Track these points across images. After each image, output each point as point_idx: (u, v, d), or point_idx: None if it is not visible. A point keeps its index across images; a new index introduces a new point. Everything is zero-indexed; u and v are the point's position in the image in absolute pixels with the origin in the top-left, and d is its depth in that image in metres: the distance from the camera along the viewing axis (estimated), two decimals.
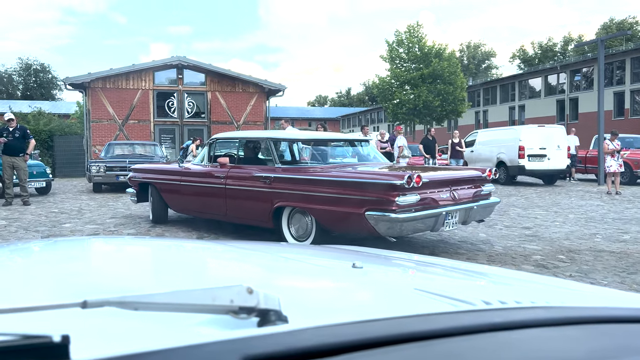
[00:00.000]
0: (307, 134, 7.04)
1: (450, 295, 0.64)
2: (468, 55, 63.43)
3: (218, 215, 6.63)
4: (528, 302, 0.61)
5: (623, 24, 51.07)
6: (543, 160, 14.95)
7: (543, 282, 1.00)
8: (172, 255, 1.19)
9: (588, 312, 0.57)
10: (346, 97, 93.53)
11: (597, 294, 0.92)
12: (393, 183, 4.76)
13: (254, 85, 21.92)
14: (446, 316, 0.50)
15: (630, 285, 4.29)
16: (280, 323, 0.51)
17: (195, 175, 6.85)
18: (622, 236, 6.65)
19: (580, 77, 36.24)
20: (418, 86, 30.03)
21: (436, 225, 5.10)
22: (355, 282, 0.84)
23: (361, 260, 0.91)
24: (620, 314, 0.57)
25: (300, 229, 5.65)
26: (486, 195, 5.87)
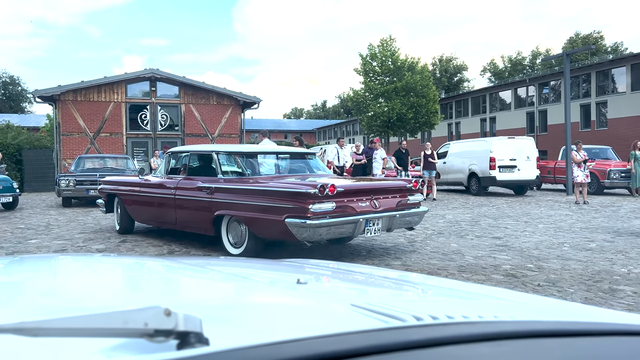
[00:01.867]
0: (252, 147, 7.36)
1: (384, 310, 0.64)
2: (440, 68, 64.51)
3: (170, 224, 7.01)
4: (460, 316, 0.62)
5: (588, 38, 52.77)
6: (513, 171, 15.25)
7: (483, 294, 1.02)
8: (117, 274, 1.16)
9: (516, 326, 0.58)
10: (322, 110, 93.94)
11: (538, 305, 0.94)
12: (307, 192, 5.17)
13: (229, 98, 21.84)
14: (367, 334, 0.50)
15: (596, 293, 4.39)
16: (200, 346, 0.49)
17: (152, 186, 7.28)
18: (588, 244, 6.80)
19: (549, 90, 37.21)
20: (392, 99, 30.35)
21: (355, 231, 5.49)
22: (294, 299, 0.84)
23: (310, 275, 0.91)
24: (549, 327, 0.58)
25: (236, 237, 6.00)
26: (414, 204, 6.20)
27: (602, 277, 4.98)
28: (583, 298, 4.24)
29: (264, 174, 6.38)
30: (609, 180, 15.31)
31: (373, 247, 6.70)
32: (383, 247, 6.76)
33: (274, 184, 5.67)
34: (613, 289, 4.53)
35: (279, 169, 6.85)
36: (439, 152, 17.18)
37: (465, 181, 16.47)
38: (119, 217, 8.08)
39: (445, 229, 8.41)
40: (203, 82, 21.62)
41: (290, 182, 5.74)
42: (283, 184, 5.61)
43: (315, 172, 6.85)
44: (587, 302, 4.12)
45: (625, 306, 4.01)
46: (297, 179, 6.04)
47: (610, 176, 15.28)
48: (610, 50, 51.17)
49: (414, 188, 6.21)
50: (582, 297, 4.26)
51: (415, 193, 6.25)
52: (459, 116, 45.08)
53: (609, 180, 15.31)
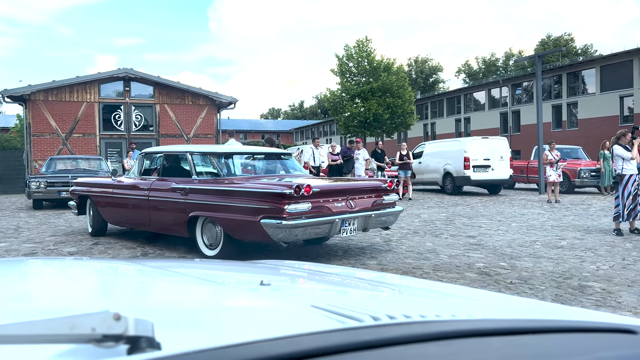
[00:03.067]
0: (227, 148, 7.28)
1: (343, 311, 0.64)
2: (416, 69, 65.12)
3: (143, 226, 6.91)
4: (417, 315, 0.62)
5: (559, 40, 53.93)
6: (487, 171, 15.48)
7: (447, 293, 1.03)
8: (78, 277, 1.14)
9: (468, 325, 0.59)
10: (299, 110, 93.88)
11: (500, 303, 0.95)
12: (282, 192, 5.15)
13: (205, 98, 21.65)
14: (321, 335, 0.50)
15: (566, 290, 4.48)
16: (151, 350, 0.49)
17: (125, 187, 7.19)
18: (559, 242, 6.95)
19: (521, 91, 37.92)
20: (368, 99, 30.53)
21: (331, 231, 5.49)
22: (255, 301, 0.83)
23: (275, 276, 0.90)
24: (503, 326, 0.59)
25: (211, 238, 5.93)
26: (389, 204, 6.22)
27: (572, 274, 5.09)
28: (553, 295, 4.33)
29: (239, 175, 6.33)
30: (580, 180, 15.68)
31: (349, 247, 6.72)
32: (359, 247, 6.78)
33: (249, 185, 5.63)
34: (582, 285, 4.64)
35: (254, 170, 6.82)
36: (414, 153, 17.34)
37: (440, 181, 16.66)
38: (91, 220, 7.94)
39: (420, 228, 8.49)
40: (178, 82, 21.39)
41: (266, 182, 5.72)
42: (258, 185, 5.58)
43: (291, 173, 6.82)
44: (557, 299, 4.21)
45: (593, 302, 4.11)
46: (273, 180, 6.02)
47: (581, 175, 15.65)
48: (581, 52, 52.41)
49: (389, 188, 6.23)
50: (552, 294, 4.34)
51: (390, 193, 6.28)
52: (435, 117, 45.59)
53: (579, 179, 15.67)
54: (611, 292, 4.39)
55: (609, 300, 4.16)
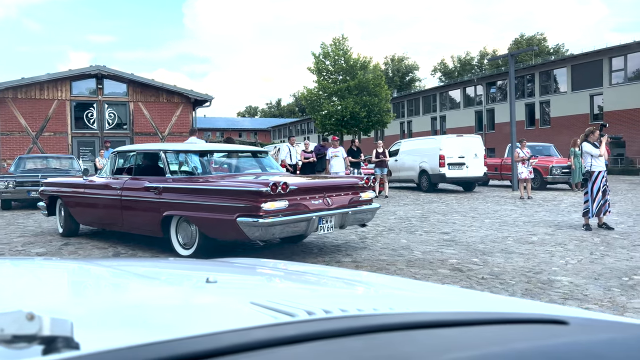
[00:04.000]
0: (200, 146, 7.17)
1: (280, 307, 0.64)
2: (392, 68, 65.53)
3: (116, 226, 6.78)
4: (354, 309, 0.62)
5: (532, 40, 54.91)
6: (462, 169, 15.67)
7: (395, 287, 1.03)
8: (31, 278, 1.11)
9: (398, 318, 0.59)
10: (276, 108, 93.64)
11: (446, 296, 0.96)
12: (259, 190, 5.10)
13: (179, 96, 21.41)
14: (243, 332, 0.50)
15: (535, 284, 4.57)
16: (67, 350, 0.47)
17: (96, 187, 7.05)
18: (530, 238, 7.08)
19: (496, 90, 38.51)
20: (345, 97, 30.61)
21: (308, 228, 5.48)
22: (195, 298, 0.82)
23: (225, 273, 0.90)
24: (434, 318, 0.59)
25: (186, 237, 5.86)
26: (366, 201, 6.22)
27: (542, 268, 5.19)
28: (523, 289, 4.40)
29: (214, 173, 6.26)
30: (551, 176, 16.00)
31: (325, 245, 6.73)
32: (335, 244, 6.80)
33: (225, 183, 5.58)
34: (551, 279, 4.73)
35: (229, 168, 6.74)
36: (390, 150, 17.45)
37: (416, 178, 16.80)
38: (62, 220, 7.76)
39: (395, 225, 8.55)
40: (152, 80, 21.11)
41: (242, 180, 5.67)
42: (234, 183, 5.53)
43: (268, 171, 6.77)
44: (527, 293, 4.28)
45: (561, 295, 4.19)
46: (249, 178, 5.98)
47: (552, 172, 15.97)
48: (553, 51, 53.47)
49: (366, 185, 6.25)
50: (522, 289, 4.42)
51: (366, 190, 6.29)
52: (411, 115, 45.97)
53: (551, 176, 15.99)
54: (578, 286, 4.49)
55: (576, 293, 4.25)
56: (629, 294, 4.21)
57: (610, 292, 4.29)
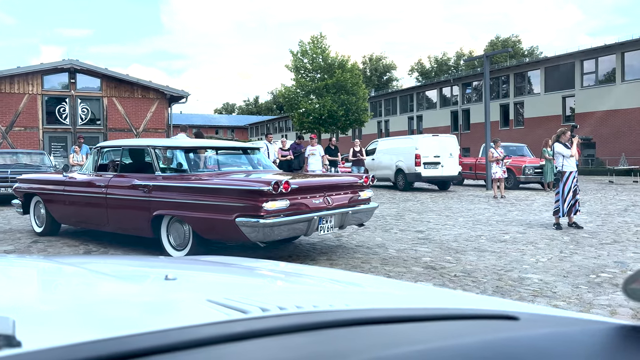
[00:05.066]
0: (191, 142, 6.91)
1: (235, 304, 0.64)
2: (370, 67, 65.86)
3: (100, 225, 6.46)
4: (310, 306, 0.63)
5: (507, 41, 55.81)
6: (437, 168, 15.85)
7: (354, 283, 1.04)
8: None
9: (349, 314, 0.59)
10: (254, 105, 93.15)
11: (403, 293, 0.97)
12: (260, 189, 4.88)
13: (155, 91, 21.13)
14: (191, 329, 0.49)
15: (506, 282, 4.65)
16: (7, 348, 0.46)
17: (78, 184, 6.70)
18: (503, 236, 7.20)
19: (471, 90, 39.04)
20: (323, 96, 30.65)
21: (309, 229, 5.27)
22: (150, 295, 0.82)
23: (190, 270, 0.89)
24: (383, 314, 0.60)
25: (178, 238, 5.61)
26: (364, 200, 6.07)
27: (513, 266, 5.28)
28: (494, 287, 4.47)
29: (206, 171, 6.03)
30: (524, 176, 16.30)
31: (300, 244, 6.72)
32: (310, 242, 6.80)
33: (223, 181, 5.34)
34: (522, 277, 4.82)
35: (221, 165, 6.50)
36: (367, 149, 17.54)
37: (392, 177, 16.92)
38: (37, 219, 7.43)
39: (371, 223, 8.59)
40: (127, 75, 20.79)
41: (242, 179, 5.47)
42: (233, 181, 5.31)
43: (260, 168, 6.56)
44: (498, 291, 4.35)
45: (531, 292, 4.28)
46: (244, 176, 5.78)
47: (525, 172, 16.27)
48: (527, 53, 54.43)
49: (365, 184, 6.06)
50: (493, 286, 4.49)
51: (365, 189, 6.11)
52: (388, 114, 46.27)
53: (524, 175, 16.29)
54: (548, 283, 4.58)
55: (545, 290, 4.34)
56: (595, 291, 4.32)
57: (578, 289, 4.40)
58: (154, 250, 6.05)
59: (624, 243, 6.61)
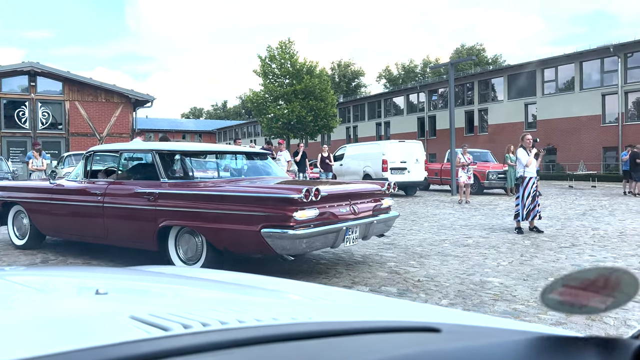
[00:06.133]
0: (197, 146, 6.48)
1: (158, 321, 0.62)
2: (339, 73, 66.28)
3: (96, 238, 5.90)
4: (235, 321, 0.62)
5: (472, 49, 57.08)
6: (404, 173, 16.04)
7: (299, 293, 1.04)
8: None
9: (272, 330, 0.59)
10: (222, 110, 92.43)
11: (346, 302, 0.97)
12: (290, 197, 4.47)
13: (119, 95, 20.72)
14: (98, 350, 0.48)
15: (468, 286, 4.72)
16: None
17: (69, 193, 6.10)
18: (466, 241, 7.32)
19: (437, 97, 39.72)
20: (291, 101, 30.68)
21: (337, 241, 4.88)
22: (73, 311, 0.79)
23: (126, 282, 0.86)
24: (316, 329, 0.59)
25: (190, 251, 5.14)
26: (386, 209, 5.74)
27: (475, 270, 5.38)
28: (456, 291, 4.54)
29: (217, 177, 5.68)
30: (488, 181, 16.66)
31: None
32: None
33: (246, 189, 4.94)
34: (483, 281, 4.91)
35: (231, 171, 6.15)
36: (335, 155, 17.61)
37: None
38: (18, 231, 6.80)
39: None
40: (91, 78, 20.32)
41: (268, 186, 5.14)
42: (259, 189, 4.94)
43: (271, 175, 6.18)
44: (459, 295, 4.42)
45: (491, 296, 4.36)
46: (266, 182, 5.44)
47: (489, 177, 16.64)
48: (491, 61, 55.77)
49: (388, 191, 5.73)
50: (455, 290, 4.56)
51: (386, 197, 5.78)
52: (357, 120, 46.62)
53: (487, 181, 16.65)
54: (508, 287, 4.68)
55: (505, 294, 4.43)
56: None
57: (537, 292, 4.50)
58: (120, 260, 5.90)
59: (581, 246, 6.82)
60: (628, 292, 0.60)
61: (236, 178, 5.83)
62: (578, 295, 0.60)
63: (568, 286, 0.60)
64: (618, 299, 0.61)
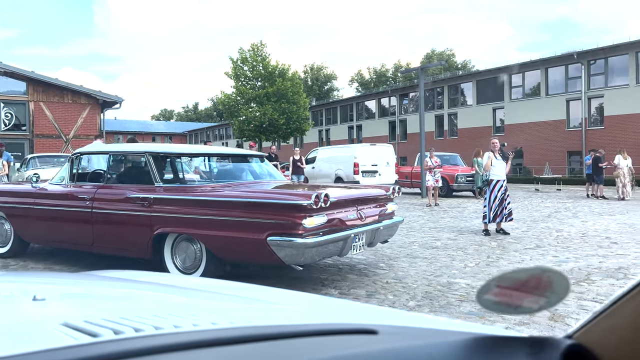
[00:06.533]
0: (194, 149, 6.19)
1: (89, 327, 0.61)
2: (312, 76, 66.41)
3: (83, 245, 5.57)
4: (171, 326, 0.62)
5: (442, 55, 58.01)
6: (375, 176, 16.18)
7: (253, 299, 1.04)
8: None
9: (205, 335, 0.59)
10: (194, 112, 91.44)
11: (304, 307, 0.97)
12: (299, 203, 4.23)
13: (87, 96, 20.28)
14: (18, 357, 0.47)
15: (435, 287, 4.79)
16: None
17: (54, 197, 5.77)
18: (435, 243, 7.42)
19: (408, 101, 40.21)
20: (263, 104, 30.55)
21: (344, 249, 4.66)
22: (6, 317, 0.77)
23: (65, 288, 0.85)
24: (224, 335, 0.59)
25: (188, 260, 4.87)
26: (390, 214, 5.56)
27: (443, 272, 5.45)
28: (424, 292, 4.60)
29: (216, 181, 5.42)
30: (457, 184, 16.94)
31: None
32: None
33: (250, 194, 4.68)
34: (450, 282, 4.98)
35: (230, 175, 5.88)
36: (308, 158, 17.64)
37: None
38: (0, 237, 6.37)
39: None
40: (56, 79, 19.84)
41: (275, 191, 4.92)
42: (265, 194, 4.71)
43: (271, 178, 5.96)
44: (427, 296, 4.47)
45: (458, 297, 4.43)
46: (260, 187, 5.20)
47: (458, 180, 16.91)
48: (461, 66, 56.78)
49: (392, 196, 5.53)
50: (422, 292, 4.61)
51: (390, 201, 5.58)
52: (329, 123, 46.77)
53: (456, 184, 16.93)
54: (474, 287, 4.76)
55: (471, 294, 4.51)
56: None
57: None
58: (86, 266, 5.77)
59: (545, 248, 6.99)
60: (559, 292, 0.62)
61: (236, 182, 5.54)
62: (512, 296, 0.62)
63: (501, 287, 0.62)
64: (550, 299, 0.63)
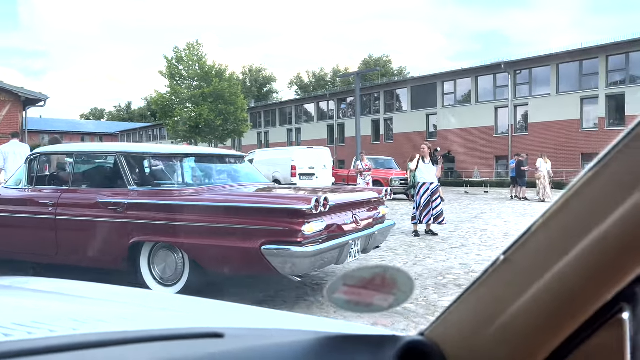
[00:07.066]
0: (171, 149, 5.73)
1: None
2: (251, 78, 65.86)
3: (45, 256, 5.02)
4: (47, 332, 0.61)
5: (379, 61, 59.30)
6: (312, 179, 16.26)
7: (112, 300, 1.03)
8: None
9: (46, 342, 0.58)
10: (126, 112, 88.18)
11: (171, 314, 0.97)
12: (298, 208, 3.86)
13: (7, 93, 19.06)
14: None
15: None
16: None
17: (9, 203, 5.18)
18: None
19: (346, 106, 40.82)
20: (199, 104, 29.98)
21: (341, 256, 4.34)
22: None
23: None
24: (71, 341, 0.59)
25: (168, 270, 4.44)
26: (382, 218, 5.33)
27: None
28: None
29: (197, 183, 4.98)
30: (391, 187, 17.34)
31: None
32: None
33: (244, 199, 4.33)
34: None
35: (211, 177, 5.42)
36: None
37: None
38: None
39: None
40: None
41: (270, 195, 4.57)
42: (257, 198, 4.36)
43: (254, 181, 5.59)
44: None
45: None
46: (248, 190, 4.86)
47: (392, 183, 17.34)
48: (397, 73, 58.29)
49: (384, 199, 5.28)
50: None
51: (382, 204, 5.32)
52: (268, 125, 46.60)
53: (391, 187, 17.33)
54: None
55: None
56: (440, 292, 4.71)
57: (426, 291, 4.76)
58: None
59: (470, 247, 7.31)
60: (405, 290, 0.64)
61: (219, 185, 5.18)
62: (361, 294, 0.63)
63: (349, 285, 0.63)
64: (398, 297, 0.65)
